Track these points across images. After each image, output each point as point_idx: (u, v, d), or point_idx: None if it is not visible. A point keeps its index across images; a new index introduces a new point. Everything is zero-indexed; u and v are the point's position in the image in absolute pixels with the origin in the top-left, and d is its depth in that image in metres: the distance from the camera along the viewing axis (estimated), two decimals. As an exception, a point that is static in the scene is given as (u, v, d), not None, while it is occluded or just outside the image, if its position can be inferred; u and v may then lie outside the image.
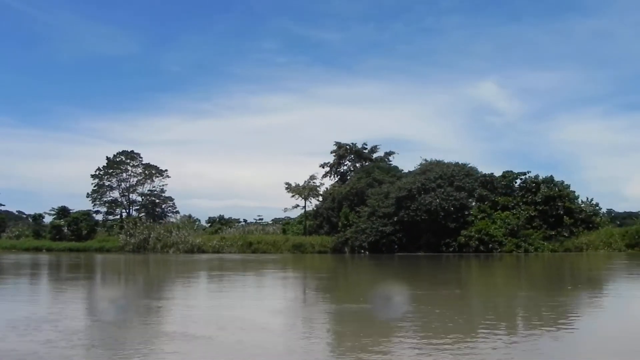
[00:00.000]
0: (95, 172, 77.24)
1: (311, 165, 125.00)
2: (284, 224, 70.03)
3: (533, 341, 9.13)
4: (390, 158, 66.67)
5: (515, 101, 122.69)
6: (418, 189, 50.81)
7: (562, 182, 50.71)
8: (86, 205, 76.09)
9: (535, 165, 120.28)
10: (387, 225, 51.37)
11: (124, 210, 78.74)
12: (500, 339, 9.13)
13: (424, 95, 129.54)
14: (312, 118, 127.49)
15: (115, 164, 77.85)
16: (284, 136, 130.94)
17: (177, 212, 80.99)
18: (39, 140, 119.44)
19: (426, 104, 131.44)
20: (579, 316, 12.59)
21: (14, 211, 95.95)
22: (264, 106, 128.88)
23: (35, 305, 15.10)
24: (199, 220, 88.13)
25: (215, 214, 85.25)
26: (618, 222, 60.51)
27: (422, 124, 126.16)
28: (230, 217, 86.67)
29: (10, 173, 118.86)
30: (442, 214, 49.28)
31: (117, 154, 78.20)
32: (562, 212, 48.17)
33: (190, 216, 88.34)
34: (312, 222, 63.78)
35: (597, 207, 50.86)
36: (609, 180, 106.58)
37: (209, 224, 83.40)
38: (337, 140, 66.97)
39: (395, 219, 51.15)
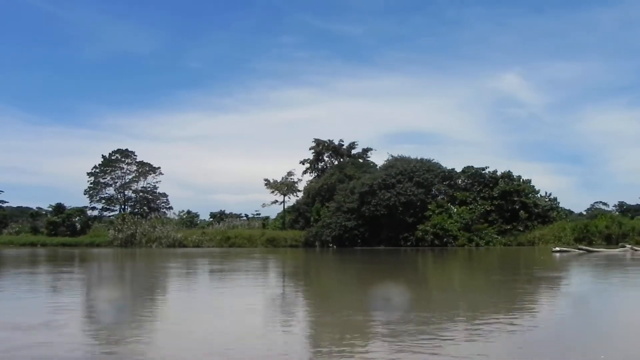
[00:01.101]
0: (92, 170, 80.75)
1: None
2: (264, 219, 72.04)
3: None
4: (368, 154, 68.28)
5: (539, 93, 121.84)
6: (379, 184, 52.21)
7: (520, 177, 51.43)
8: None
9: (560, 157, 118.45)
10: (350, 220, 52.92)
11: (119, 207, 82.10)
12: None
13: (446, 88, 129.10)
14: (333, 112, 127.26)
15: (111, 162, 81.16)
16: (306, 130, 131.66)
17: (171, 207, 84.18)
18: (64, 137, 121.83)
19: (448, 97, 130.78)
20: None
21: (34, 207, 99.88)
22: (285, 101, 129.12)
23: None
24: (198, 215, 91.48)
25: (235, 209, 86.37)
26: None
27: (444, 117, 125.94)
28: (231, 212, 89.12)
29: (36, 170, 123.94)
30: (401, 209, 50.60)
31: (113, 152, 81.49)
32: (517, 207, 48.95)
33: (189, 211, 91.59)
34: (290, 217, 65.74)
35: (555, 202, 51.41)
36: (636, 172, 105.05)
37: (211, 219, 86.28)
38: (316, 137, 68.79)
39: (358, 214, 52.69)
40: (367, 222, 52.43)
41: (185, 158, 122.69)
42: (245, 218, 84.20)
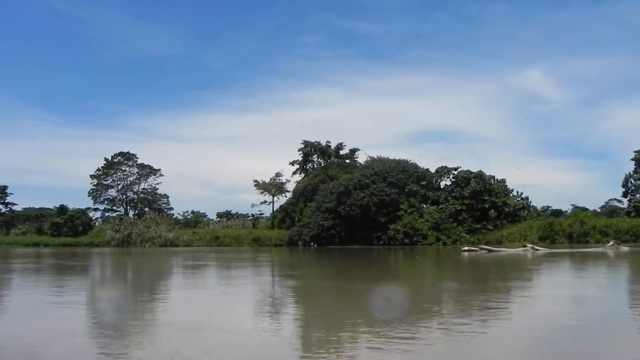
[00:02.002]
0: (95, 172, 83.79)
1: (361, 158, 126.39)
2: (254, 219, 73.90)
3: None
4: (356, 155, 69.57)
5: (563, 89, 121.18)
6: (354, 185, 53.53)
7: (493, 176, 52.10)
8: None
9: (584, 154, 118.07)
10: (327, 219, 54.33)
11: (123, 208, 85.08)
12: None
13: (469, 85, 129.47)
14: (356, 111, 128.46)
15: (113, 165, 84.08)
16: (329, 130, 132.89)
17: (171, 208, 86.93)
18: (89, 138, 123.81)
19: (471, 95, 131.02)
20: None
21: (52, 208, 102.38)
22: (308, 100, 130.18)
23: None
24: (206, 215, 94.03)
25: (256, 209, 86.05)
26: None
27: (467, 115, 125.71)
28: (237, 212, 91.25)
29: (60, 171, 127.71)
30: (374, 208, 51.83)
31: (115, 155, 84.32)
32: (487, 206, 49.69)
33: (193, 211, 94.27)
34: (278, 217, 67.48)
35: (527, 202, 51.94)
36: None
37: (218, 218, 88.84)
38: (304, 139, 70.38)
39: (335, 214, 54.08)
40: (344, 221, 53.78)
41: (209, 158, 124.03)
42: (251, 217, 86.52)
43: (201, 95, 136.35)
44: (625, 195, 57.01)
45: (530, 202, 52.67)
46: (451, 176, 53.43)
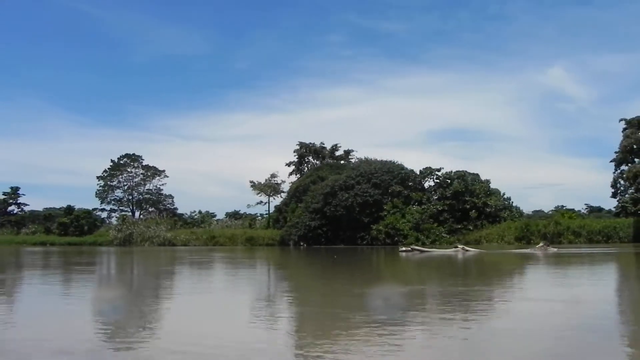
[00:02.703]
0: (102, 173, 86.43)
1: (384, 156, 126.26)
2: (251, 219, 75.42)
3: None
4: (351, 156, 70.67)
5: (587, 86, 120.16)
6: (340, 185, 54.58)
7: (477, 176, 52.58)
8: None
9: (608, 152, 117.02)
10: (314, 220, 55.48)
11: (128, 208, 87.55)
12: None
13: (491, 84, 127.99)
14: (380, 110, 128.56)
15: (119, 166, 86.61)
16: (353, 129, 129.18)
17: (176, 208, 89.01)
18: (115, 139, 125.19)
19: (494, 93, 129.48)
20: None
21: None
22: (331, 100, 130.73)
23: None
24: (215, 215, 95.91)
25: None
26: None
27: (490, 113, 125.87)
28: (245, 213, 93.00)
29: (83, 170, 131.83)
30: (358, 209, 52.82)
31: (121, 156, 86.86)
32: (468, 207, 50.27)
33: (200, 211, 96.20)
34: (273, 217, 68.92)
35: (508, 202, 52.33)
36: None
37: (226, 218, 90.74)
38: (300, 140, 71.84)
39: (322, 214, 55.21)
40: (329, 221, 54.88)
41: (233, 158, 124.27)
42: (260, 217, 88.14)
43: (225, 95, 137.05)
44: (614, 195, 56.83)
45: (512, 202, 53.11)
46: (434, 177, 54.05)
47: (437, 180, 53.69)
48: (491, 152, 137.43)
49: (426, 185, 55.62)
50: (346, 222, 53.85)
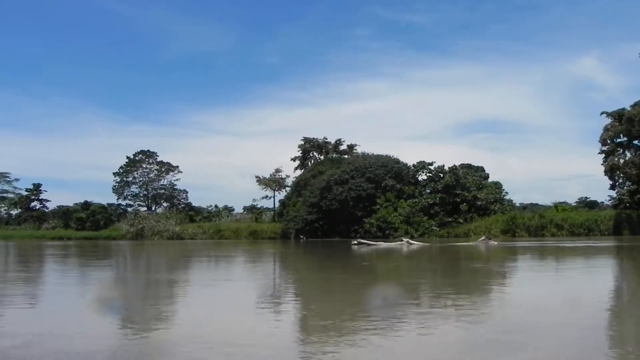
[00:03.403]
0: (118, 169, 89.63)
1: (413, 149, 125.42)
2: (257, 213, 77.36)
3: None
4: (354, 150, 71.83)
5: (618, 76, 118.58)
6: (335, 180, 55.95)
7: (468, 169, 53.26)
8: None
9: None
10: (311, 213, 57.03)
11: (144, 203, 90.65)
12: None
13: (520, 74, 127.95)
14: (408, 102, 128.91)
15: (135, 162, 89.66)
16: (382, 122, 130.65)
17: (190, 203, 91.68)
18: (148, 134, 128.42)
19: (523, 84, 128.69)
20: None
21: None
22: (360, 93, 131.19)
23: None
24: (233, 209, 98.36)
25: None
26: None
27: (519, 105, 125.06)
28: (262, 207, 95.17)
29: (114, 166, 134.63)
30: (352, 203, 54.12)
31: (136, 153, 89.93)
32: (459, 200, 51.05)
33: (216, 205, 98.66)
34: (278, 211, 70.76)
35: (500, 196, 52.87)
36: None
37: (244, 211, 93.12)
38: (305, 136, 73.36)
39: (318, 208, 56.70)
40: (325, 215, 56.32)
41: (263, 152, 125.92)
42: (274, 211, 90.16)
43: (253, 89, 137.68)
44: (612, 187, 56.67)
45: (505, 194, 53.63)
46: (426, 171, 54.90)
47: (430, 174, 54.47)
48: (521, 144, 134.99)
49: (420, 179, 56.46)
50: (341, 216, 55.22)
